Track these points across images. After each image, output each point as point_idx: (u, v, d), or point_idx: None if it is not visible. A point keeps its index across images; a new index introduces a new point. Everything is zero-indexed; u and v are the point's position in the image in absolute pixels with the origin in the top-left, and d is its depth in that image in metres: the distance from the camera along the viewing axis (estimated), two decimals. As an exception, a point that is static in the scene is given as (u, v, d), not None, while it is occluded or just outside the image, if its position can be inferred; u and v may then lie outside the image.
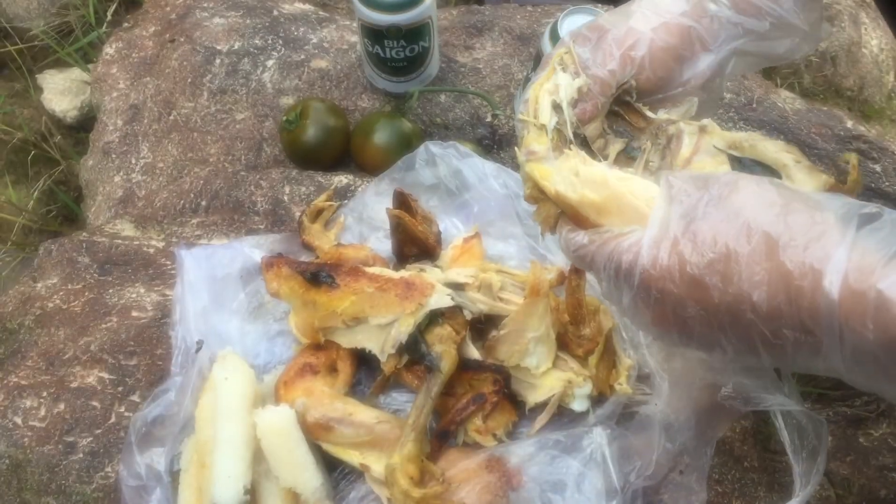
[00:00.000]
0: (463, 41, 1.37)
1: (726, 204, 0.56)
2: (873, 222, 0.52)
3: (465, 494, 0.81)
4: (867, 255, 0.50)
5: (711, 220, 0.56)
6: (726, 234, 0.55)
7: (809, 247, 0.52)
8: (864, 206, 0.54)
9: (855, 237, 0.51)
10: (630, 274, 0.59)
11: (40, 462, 0.91)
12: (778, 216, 0.54)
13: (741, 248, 0.54)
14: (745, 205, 0.55)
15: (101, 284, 1.06)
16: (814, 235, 0.52)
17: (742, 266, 0.53)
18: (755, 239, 0.53)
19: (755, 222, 0.54)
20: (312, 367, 0.89)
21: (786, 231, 0.53)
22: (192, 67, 1.34)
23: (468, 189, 1.06)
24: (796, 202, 0.55)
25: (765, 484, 0.93)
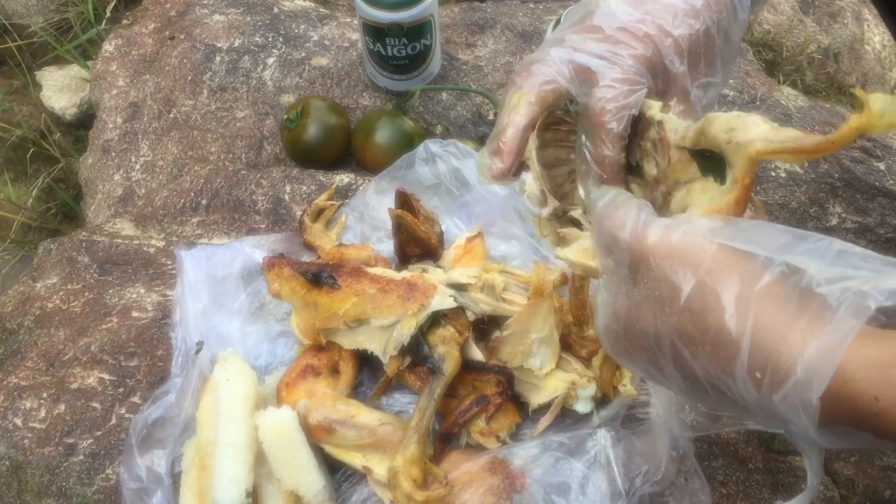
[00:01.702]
0: (465, 39, 1.36)
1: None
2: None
3: (468, 497, 0.80)
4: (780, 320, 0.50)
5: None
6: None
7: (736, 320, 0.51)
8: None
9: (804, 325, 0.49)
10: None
11: (40, 464, 0.91)
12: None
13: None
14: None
15: (101, 284, 1.05)
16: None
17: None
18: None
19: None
20: (314, 368, 0.88)
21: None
22: (192, 65, 1.33)
23: (469, 189, 1.05)
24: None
25: (769, 485, 0.92)
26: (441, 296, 0.86)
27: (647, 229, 0.57)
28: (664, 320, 0.54)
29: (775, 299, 0.51)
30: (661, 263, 0.55)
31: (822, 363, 0.48)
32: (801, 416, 0.49)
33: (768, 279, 0.51)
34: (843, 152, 1.22)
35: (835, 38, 1.61)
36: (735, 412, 0.56)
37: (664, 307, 0.54)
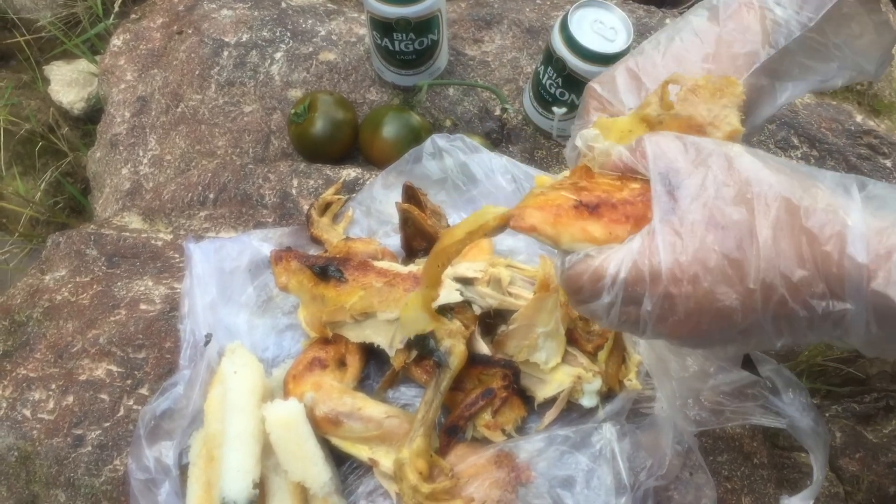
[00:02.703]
0: (472, 34, 1.36)
1: (733, 176, 0.54)
2: (866, 187, 0.53)
3: (473, 489, 0.81)
4: (878, 218, 0.50)
5: (725, 197, 0.53)
6: (745, 208, 0.53)
7: (829, 210, 0.51)
8: (848, 175, 0.54)
9: (861, 198, 0.51)
10: (652, 280, 0.54)
11: (49, 455, 0.91)
12: (790, 180, 0.53)
13: (764, 219, 0.52)
14: (752, 172, 0.54)
15: (110, 277, 1.05)
16: (828, 200, 0.52)
17: (768, 237, 0.52)
18: (775, 206, 0.52)
19: (771, 189, 0.53)
20: (321, 361, 0.89)
21: (804, 195, 0.52)
22: (199, 59, 1.34)
23: (475, 184, 1.06)
24: (795, 170, 0.54)
25: (774, 480, 0.92)
26: (447, 290, 0.86)
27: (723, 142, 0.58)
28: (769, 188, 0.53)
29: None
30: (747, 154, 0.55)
31: None
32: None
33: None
34: (850, 149, 1.22)
35: (841, 36, 1.61)
36: (816, 337, 0.55)
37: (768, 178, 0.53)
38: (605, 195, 0.59)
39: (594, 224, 0.57)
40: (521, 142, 1.24)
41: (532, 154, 1.22)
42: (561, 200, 0.58)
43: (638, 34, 1.36)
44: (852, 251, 0.50)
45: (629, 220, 0.57)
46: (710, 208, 0.53)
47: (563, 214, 0.58)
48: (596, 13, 1.08)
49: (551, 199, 0.59)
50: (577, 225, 0.57)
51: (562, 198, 0.59)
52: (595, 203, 0.58)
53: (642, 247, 0.54)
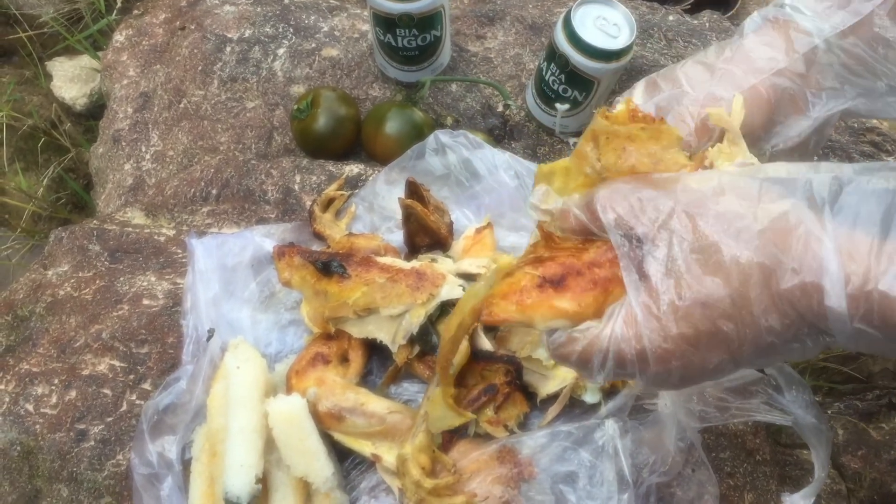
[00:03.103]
0: (474, 30, 1.36)
1: (700, 240, 0.52)
2: (840, 195, 0.52)
3: (476, 485, 0.81)
4: (854, 244, 0.50)
5: (697, 269, 0.52)
6: (721, 279, 0.52)
7: (803, 265, 0.50)
8: (818, 174, 0.53)
9: (834, 227, 0.50)
10: (640, 362, 0.55)
11: (52, 449, 0.91)
12: (759, 238, 0.51)
13: (743, 288, 0.51)
14: (719, 233, 0.52)
15: (112, 272, 1.05)
16: (801, 249, 0.51)
17: (750, 308, 0.52)
18: (751, 274, 0.51)
19: (743, 253, 0.51)
20: (324, 356, 0.89)
21: (773, 254, 0.51)
22: (202, 55, 1.33)
23: (478, 180, 1.05)
24: (764, 206, 0.52)
25: (776, 477, 0.92)
26: (450, 285, 0.86)
27: (681, 178, 0.56)
28: (740, 253, 0.51)
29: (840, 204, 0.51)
30: (711, 204, 0.53)
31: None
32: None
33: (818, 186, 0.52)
34: (853, 146, 1.22)
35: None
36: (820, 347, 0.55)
37: (736, 239, 0.52)
38: (569, 262, 0.58)
39: (562, 300, 0.57)
40: (524, 138, 1.24)
41: (535, 150, 1.22)
42: (525, 281, 0.58)
43: (641, 31, 1.36)
44: (832, 303, 0.50)
45: (597, 286, 0.57)
46: (686, 285, 0.52)
47: (530, 297, 0.57)
48: (599, 9, 1.08)
49: (515, 283, 0.58)
50: (546, 304, 0.57)
51: (525, 278, 0.58)
52: (560, 276, 0.57)
53: (625, 334, 0.54)
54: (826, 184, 0.52)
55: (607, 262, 0.57)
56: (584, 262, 0.58)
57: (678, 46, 1.36)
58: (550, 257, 0.59)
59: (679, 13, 1.46)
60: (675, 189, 0.55)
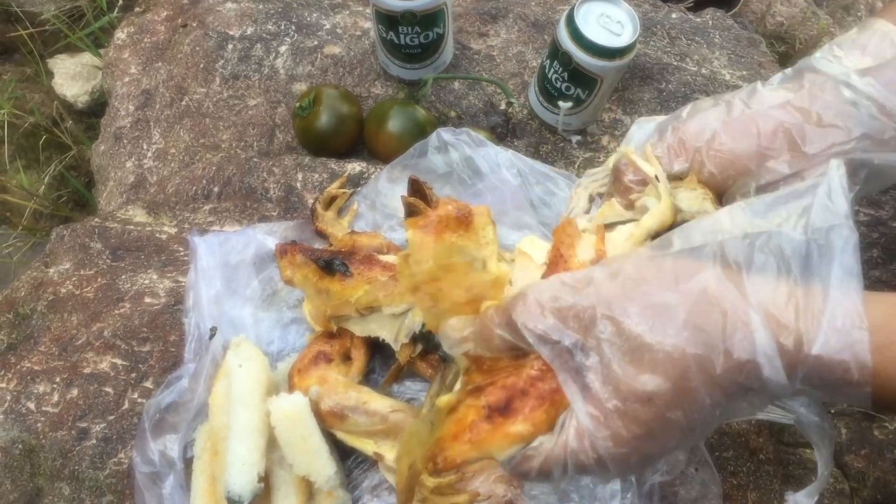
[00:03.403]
0: (477, 28, 1.36)
1: (628, 341, 0.52)
2: (754, 254, 0.52)
3: (479, 484, 0.80)
4: (779, 307, 0.50)
5: (633, 372, 0.52)
6: (660, 376, 0.51)
7: (734, 345, 0.50)
8: (728, 236, 0.53)
9: (755, 292, 0.50)
10: (600, 464, 0.55)
11: (53, 447, 0.91)
12: (686, 328, 0.51)
13: (683, 381, 0.51)
14: (645, 332, 0.51)
15: (114, 270, 1.05)
16: (730, 330, 0.50)
17: (690, 391, 0.51)
18: (688, 366, 0.51)
19: (676, 350, 0.51)
20: (326, 355, 0.88)
21: (704, 341, 0.50)
22: (204, 53, 1.33)
23: (481, 178, 1.05)
24: (682, 288, 0.52)
25: (780, 476, 0.92)
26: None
27: (594, 277, 0.55)
28: (672, 349, 0.51)
29: (756, 273, 0.51)
30: (631, 300, 0.53)
31: (850, 319, 0.48)
32: (848, 375, 0.48)
33: (731, 257, 0.52)
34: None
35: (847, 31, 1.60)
36: (767, 403, 0.55)
37: (664, 335, 0.51)
38: (510, 383, 0.57)
39: (514, 424, 0.56)
40: (527, 136, 1.23)
41: (537, 148, 1.22)
42: (471, 415, 0.57)
43: (644, 28, 1.36)
44: (768, 376, 0.50)
45: (545, 401, 0.56)
46: (626, 389, 0.52)
47: (481, 431, 0.56)
48: (602, 7, 1.07)
49: (462, 420, 0.57)
50: (499, 434, 0.56)
51: (471, 411, 0.57)
52: (504, 401, 0.56)
53: (580, 445, 0.54)
54: (738, 246, 0.52)
55: (548, 375, 0.56)
56: (524, 380, 0.57)
57: (681, 44, 1.36)
58: (490, 382, 0.58)
59: (682, 11, 1.46)
60: (589, 291, 0.54)
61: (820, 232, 0.51)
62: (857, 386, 0.49)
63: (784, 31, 1.70)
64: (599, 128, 1.23)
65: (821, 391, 0.50)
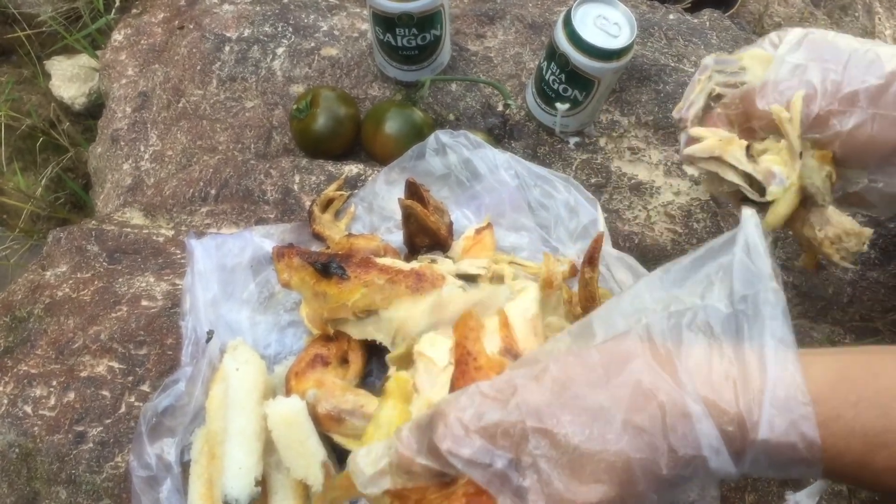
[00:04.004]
0: (474, 29, 1.36)
1: (564, 453, 0.48)
2: (681, 331, 0.49)
3: (476, 487, 0.80)
4: (716, 388, 0.48)
5: (572, 482, 0.48)
6: (601, 484, 0.48)
7: (677, 440, 0.48)
8: (659, 320, 0.50)
9: (689, 373, 0.48)
10: None
11: (50, 451, 0.91)
12: (623, 428, 0.48)
13: (626, 485, 0.48)
14: (584, 443, 0.48)
15: (111, 273, 1.05)
16: (669, 422, 0.48)
17: (638, 494, 0.48)
18: (633, 470, 0.48)
19: (617, 460, 0.48)
20: (323, 358, 0.88)
21: (645, 441, 0.48)
22: (201, 55, 1.33)
23: (479, 180, 1.05)
24: (611, 378, 0.49)
25: (778, 479, 0.92)
26: (450, 287, 0.86)
27: (517, 385, 0.51)
28: (614, 457, 0.48)
29: (691, 357, 0.49)
30: (561, 407, 0.49)
31: (792, 394, 0.46)
32: (797, 454, 0.47)
33: (658, 342, 0.50)
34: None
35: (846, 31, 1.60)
36: (710, 486, 0.54)
37: (604, 442, 0.48)
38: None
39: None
40: (524, 138, 1.23)
41: (535, 150, 1.22)
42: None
43: (641, 30, 1.36)
44: (716, 466, 0.48)
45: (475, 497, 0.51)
46: (569, 501, 0.48)
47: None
48: (599, 9, 1.07)
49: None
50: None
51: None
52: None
53: None
54: (664, 326, 0.50)
55: (483, 496, 0.51)
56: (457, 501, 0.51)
57: (679, 45, 1.36)
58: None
59: (679, 12, 1.45)
60: (514, 402, 0.50)
61: (745, 301, 0.49)
62: (807, 464, 0.47)
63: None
64: (597, 129, 1.23)
65: (770, 471, 0.49)
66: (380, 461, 0.53)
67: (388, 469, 0.53)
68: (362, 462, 0.54)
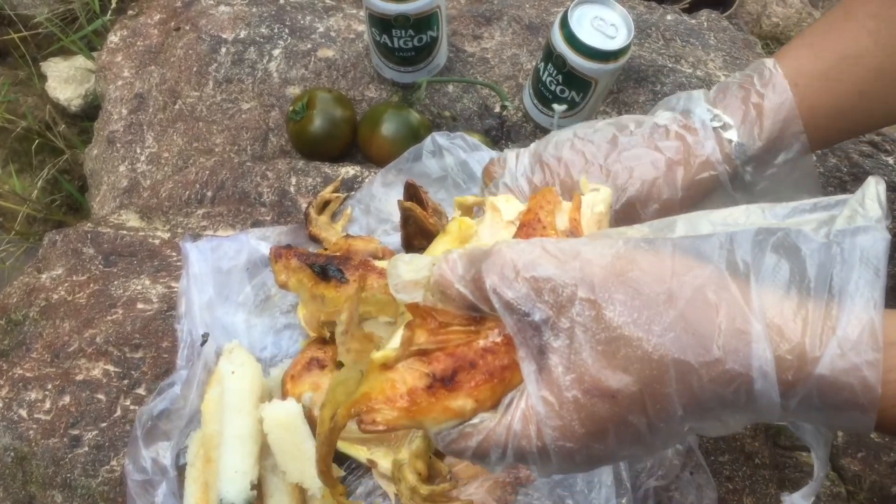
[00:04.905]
0: (471, 31, 1.36)
1: (606, 331, 0.46)
2: (765, 254, 0.46)
3: (473, 491, 0.80)
4: (785, 317, 0.45)
5: (603, 364, 0.47)
6: (631, 377, 0.46)
7: (726, 351, 0.45)
8: (739, 228, 0.47)
9: (760, 298, 0.45)
10: (541, 454, 0.50)
11: (45, 455, 0.91)
12: (674, 326, 0.46)
13: (654, 384, 0.46)
14: (627, 324, 0.46)
15: (107, 276, 1.05)
16: (726, 334, 0.45)
17: (662, 398, 0.46)
18: (667, 370, 0.46)
19: (656, 350, 0.46)
20: (320, 361, 0.88)
21: (692, 345, 0.45)
22: (197, 56, 1.33)
23: (476, 182, 1.05)
24: (678, 280, 0.47)
25: (776, 480, 0.92)
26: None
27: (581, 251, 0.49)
28: (653, 348, 0.46)
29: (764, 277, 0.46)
30: (618, 286, 0.47)
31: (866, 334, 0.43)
32: (854, 398, 0.44)
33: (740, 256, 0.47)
34: (852, 146, 1.22)
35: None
36: (747, 422, 0.49)
37: (648, 332, 0.46)
38: (459, 353, 0.51)
39: (456, 399, 0.51)
40: (521, 139, 1.23)
41: (532, 152, 1.21)
42: (411, 381, 0.51)
43: (639, 30, 1.36)
44: (760, 390, 0.45)
45: (494, 377, 0.51)
46: (590, 382, 0.47)
47: (418, 400, 0.51)
48: (596, 10, 1.07)
49: (400, 383, 0.52)
50: (438, 406, 0.51)
51: (410, 376, 0.52)
52: (451, 372, 0.51)
53: (524, 430, 0.50)
54: (748, 240, 0.47)
55: (503, 348, 0.51)
56: (475, 351, 0.51)
57: (676, 46, 1.36)
58: (439, 348, 0.52)
59: (677, 12, 1.45)
60: (573, 266, 0.48)
61: (844, 234, 0.45)
62: (861, 409, 0.44)
63: (780, 32, 1.70)
64: (594, 130, 1.23)
65: (818, 414, 0.46)
66: (420, 272, 0.52)
67: (424, 283, 0.52)
68: (403, 267, 0.53)
